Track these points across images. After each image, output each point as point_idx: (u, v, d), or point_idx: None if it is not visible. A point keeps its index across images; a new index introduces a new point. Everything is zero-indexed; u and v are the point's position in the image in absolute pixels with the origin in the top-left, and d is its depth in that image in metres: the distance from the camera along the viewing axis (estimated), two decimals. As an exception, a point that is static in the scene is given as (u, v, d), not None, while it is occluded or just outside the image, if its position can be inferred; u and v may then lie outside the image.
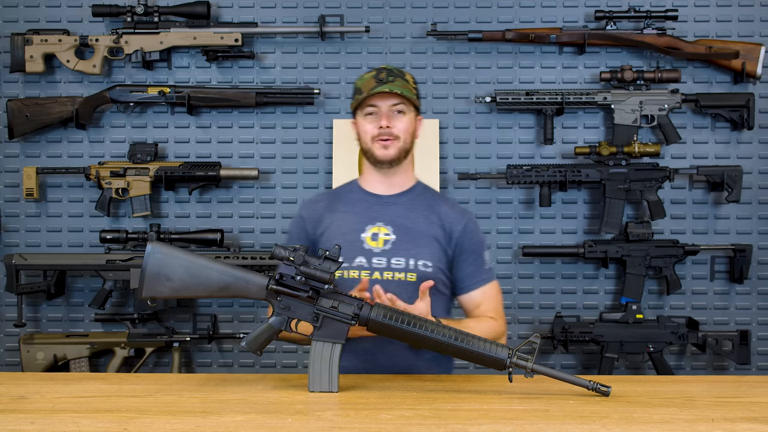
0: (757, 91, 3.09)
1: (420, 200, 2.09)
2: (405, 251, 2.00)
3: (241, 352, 3.14)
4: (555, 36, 3.05)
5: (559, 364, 3.14)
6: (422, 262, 2.00)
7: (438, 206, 2.09)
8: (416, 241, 2.02)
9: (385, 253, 2.00)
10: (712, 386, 1.80)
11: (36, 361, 3.00)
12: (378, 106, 2.00)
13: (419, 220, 2.05)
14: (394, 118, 2.00)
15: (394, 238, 2.01)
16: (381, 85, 1.98)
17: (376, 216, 2.04)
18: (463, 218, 2.08)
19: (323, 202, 2.11)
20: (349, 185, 2.17)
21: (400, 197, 2.08)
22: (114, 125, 3.17)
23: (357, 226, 2.03)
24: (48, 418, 1.46)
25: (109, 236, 3.00)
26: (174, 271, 1.67)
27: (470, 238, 2.07)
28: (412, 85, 2.06)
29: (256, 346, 1.74)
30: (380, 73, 2.01)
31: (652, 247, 3.03)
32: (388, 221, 2.03)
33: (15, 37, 3.06)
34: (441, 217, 2.06)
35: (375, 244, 2.00)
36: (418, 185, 2.14)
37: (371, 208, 2.06)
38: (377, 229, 2.03)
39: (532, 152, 3.16)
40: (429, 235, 2.03)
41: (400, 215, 2.05)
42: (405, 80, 2.03)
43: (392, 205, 2.06)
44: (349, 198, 2.10)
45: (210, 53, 3.08)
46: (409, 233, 2.02)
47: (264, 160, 3.17)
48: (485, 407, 1.55)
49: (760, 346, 3.14)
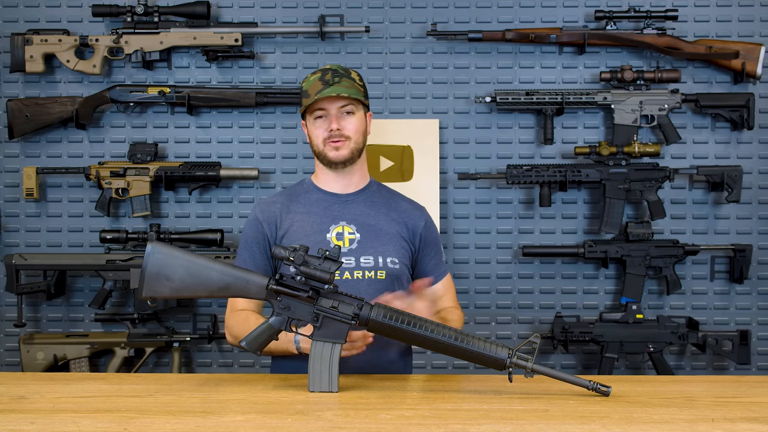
0: (757, 91, 3.09)
1: (377, 197, 2.12)
2: (372, 249, 2.02)
3: (241, 352, 3.14)
4: (555, 36, 3.05)
5: (559, 364, 3.14)
6: (390, 258, 2.03)
7: (396, 203, 2.13)
8: (381, 239, 2.04)
9: (352, 252, 2.02)
10: (712, 386, 1.80)
11: (36, 361, 3.00)
12: (326, 108, 2.01)
13: (380, 217, 2.08)
14: (344, 120, 2.02)
15: (359, 237, 2.03)
16: (327, 87, 1.99)
17: (338, 215, 2.06)
18: (423, 214, 2.15)
19: (279, 203, 2.10)
20: (301, 185, 2.16)
21: (358, 195, 2.11)
22: (114, 125, 3.17)
23: (320, 226, 2.04)
24: (48, 418, 1.46)
25: (109, 236, 3.00)
26: (174, 271, 1.67)
27: (431, 233, 2.14)
28: (359, 83, 2.06)
29: (256, 346, 1.74)
30: (325, 75, 2.02)
31: (652, 247, 3.03)
32: (351, 220, 2.05)
33: (15, 37, 3.06)
34: (402, 214, 2.11)
35: (340, 243, 2.01)
36: (372, 183, 2.16)
37: (331, 207, 2.07)
38: (341, 229, 2.04)
39: (532, 152, 3.16)
40: (392, 232, 2.06)
41: (361, 213, 2.07)
42: (351, 79, 2.04)
43: (351, 203, 2.09)
44: (307, 198, 2.10)
45: (210, 53, 3.08)
46: (372, 231, 2.05)
47: (264, 160, 3.17)
48: (485, 407, 1.55)
49: (760, 346, 3.14)
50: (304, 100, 2.04)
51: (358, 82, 2.06)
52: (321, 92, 1.99)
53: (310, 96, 2.01)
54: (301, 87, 2.07)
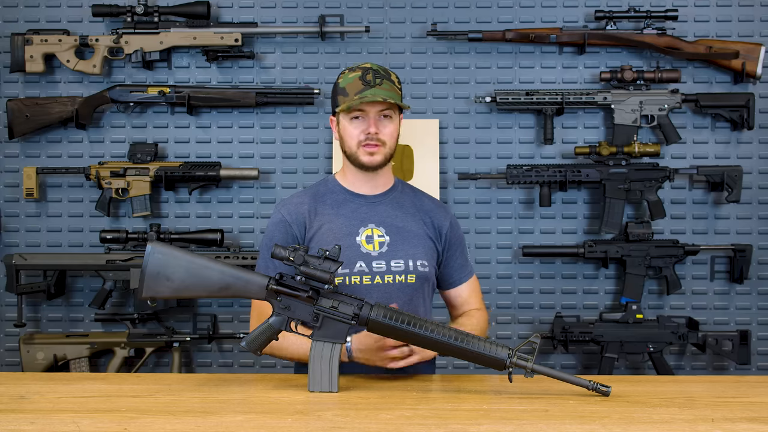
0: (757, 91, 3.09)
1: (404, 198, 2.07)
2: (402, 252, 1.98)
3: (241, 352, 3.14)
4: (555, 36, 3.05)
5: (559, 364, 3.14)
6: (420, 261, 1.99)
7: (421, 202, 2.09)
8: (410, 241, 2.00)
9: (382, 255, 1.97)
10: (712, 386, 1.80)
11: (36, 361, 3.00)
12: (366, 110, 1.94)
13: (408, 218, 2.03)
14: (382, 124, 1.95)
15: (389, 239, 1.99)
16: (369, 88, 1.92)
17: (366, 217, 2.00)
18: (448, 213, 2.11)
19: (306, 204, 2.02)
20: (325, 184, 2.08)
21: (386, 196, 2.05)
22: (114, 125, 3.17)
23: (348, 229, 1.98)
24: (48, 418, 1.46)
25: (109, 236, 3.00)
26: (174, 271, 1.66)
27: (456, 233, 2.09)
28: (397, 85, 1.99)
29: (256, 346, 1.74)
30: (366, 74, 1.94)
31: (652, 247, 3.03)
32: (379, 222, 2.00)
33: (15, 37, 3.06)
34: (428, 214, 2.06)
35: (371, 247, 1.97)
36: (397, 183, 2.11)
37: (359, 209, 2.01)
38: (370, 231, 1.99)
39: (532, 152, 3.16)
40: (420, 233, 2.02)
41: (389, 215, 2.02)
42: (391, 81, 1.96)
43: (379, 204, 2.03)
44: (333, 199, 2.03)
45: (210, 53, 3.08)
46: (401, 233, 2.00)
47: (264, 160, 3.17)
48: (485, 407, 1.55)
49: (760, 346, 3.15)
50: (340, 97, 1.95)
51: (397, 85, 1.99)
52: (362, 94, 1.91)
53: (348, 95, 1.93)
54: (337, 82, 1.99)
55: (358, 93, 1.92)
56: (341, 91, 1.96)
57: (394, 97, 1.94)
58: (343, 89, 1.95)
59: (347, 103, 1.92)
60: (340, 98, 1.96)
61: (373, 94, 1.91)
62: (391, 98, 1.92)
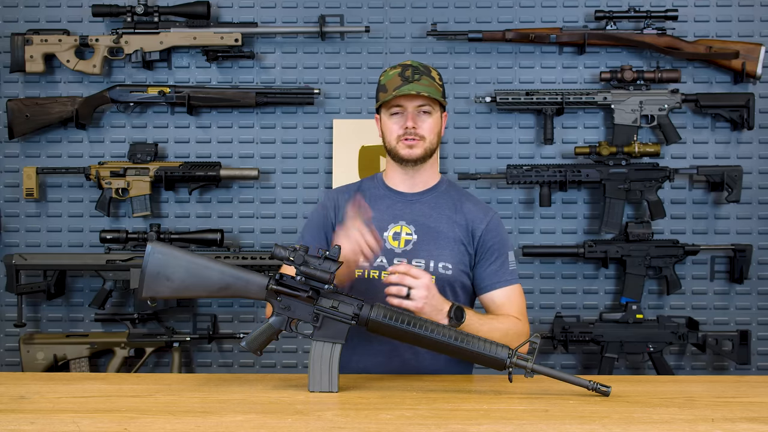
0: (757, 91, 3.09)
1: (444, 198, 2.06)
2: (426, 252, 1.97)
3: (241, 352, 3.14)
4: (555, 36, 3.05)
5: (559, 364, 3.14)
6: (442, 264, 1.97)
7: (462, 204, 2.06)
8: (437, 242, 1.99)
9: (405, 254, 1.97)
10: (712, 386, 1.80)
11: (36, 361, 3.00)
12: (404, 105, 1.96)
13: (442, 219, 2.02)
14: (420, 119, 1.97)
15: (416, 238, 1.98)
16: (407, 84, 1.94)
17: (399, 214, 2.02)
18: (486, 216, 2.04)
19: (347, 194, 2.06)
20: (372, 179, 2.12)
21: (424, 195, 2.05)
22: (114, 125, 3.17)
23: (378, 223, 1.97)
24: (48, 418, 1.46)
25: (109, 236, 3.00)
26: (174, 271, 1.67)
27: (492, 237, 2.02)
28: (438, 82, 2.00)
29: (256, 346, 1.74)
30: (405, 71, 1.97)
31: (652, 247, 3.03)
32: (411, 220, 2.01)
33: (15, 37, 3.06)
34: (465, 216, 2.03)
35: (396, 243, 1.98)
36: (442, 182, 2.10)
37: (394, 206, 2.03)
38: (399, 228, 2.00)
39: (532, 152, 3.16)
40: (451, 236, 2.00)
41: (423, 214, 2.02)
42: (431, 77, 1.98)
43: (416, 203, 2.04)
44: (373, 193, 2.06)
45: (210, 53, 3.08)
46: (430, 233, 1.99)
47: (264, 160, 3.16)
48: (485, 407, 1.55)
49: (760, 346, 3.14)
50: (381, 94, 1.99)
51: (437, 81, 2.00)
52: (399, 89, 1.93)
53: (387, 91, 1.96)
54: (379, 80, 2.02)
55: (396, 88, 1.95)
56: (381, 88, 2.00)
57: (432, 92, 1.95)
58: (383, 86, 1.99)
59: (384, 98, 1.96)
60: (381, 95, 2.00)
61: (410, 89, 1.93)
62: (428, 93, 1.93)
